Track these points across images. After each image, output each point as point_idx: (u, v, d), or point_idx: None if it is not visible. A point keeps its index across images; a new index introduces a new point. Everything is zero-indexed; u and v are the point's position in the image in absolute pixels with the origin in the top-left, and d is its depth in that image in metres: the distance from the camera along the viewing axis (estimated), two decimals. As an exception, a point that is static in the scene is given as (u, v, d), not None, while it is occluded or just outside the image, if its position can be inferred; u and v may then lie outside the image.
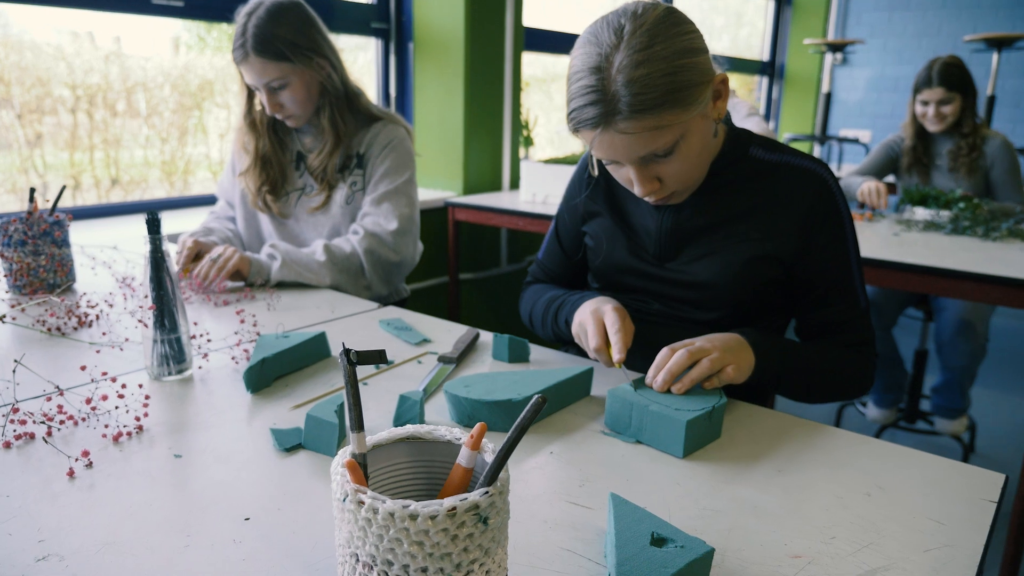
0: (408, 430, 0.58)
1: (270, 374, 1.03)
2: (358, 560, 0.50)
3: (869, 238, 2.16)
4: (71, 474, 0.77)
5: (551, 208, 2.59)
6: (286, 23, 1.53)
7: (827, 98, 4.19)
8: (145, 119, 2.39)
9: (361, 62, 2.90)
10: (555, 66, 3.67)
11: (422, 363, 1.12)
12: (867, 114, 5.07)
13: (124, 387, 0.96)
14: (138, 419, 0.89)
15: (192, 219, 2.20)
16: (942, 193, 2.49)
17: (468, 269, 3.02)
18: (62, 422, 0.88)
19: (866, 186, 2.61)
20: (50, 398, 0.93)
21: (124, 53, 2.29)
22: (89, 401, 0.90)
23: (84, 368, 1.01)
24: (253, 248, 1.77)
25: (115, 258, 1.71)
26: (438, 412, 0.96)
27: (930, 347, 2.75)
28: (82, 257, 1.70)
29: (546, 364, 1.13)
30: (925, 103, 2.70)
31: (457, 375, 1.08)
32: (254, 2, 1.54)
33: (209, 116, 2.56)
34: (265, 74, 1.54)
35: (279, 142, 1.71)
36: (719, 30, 4.98)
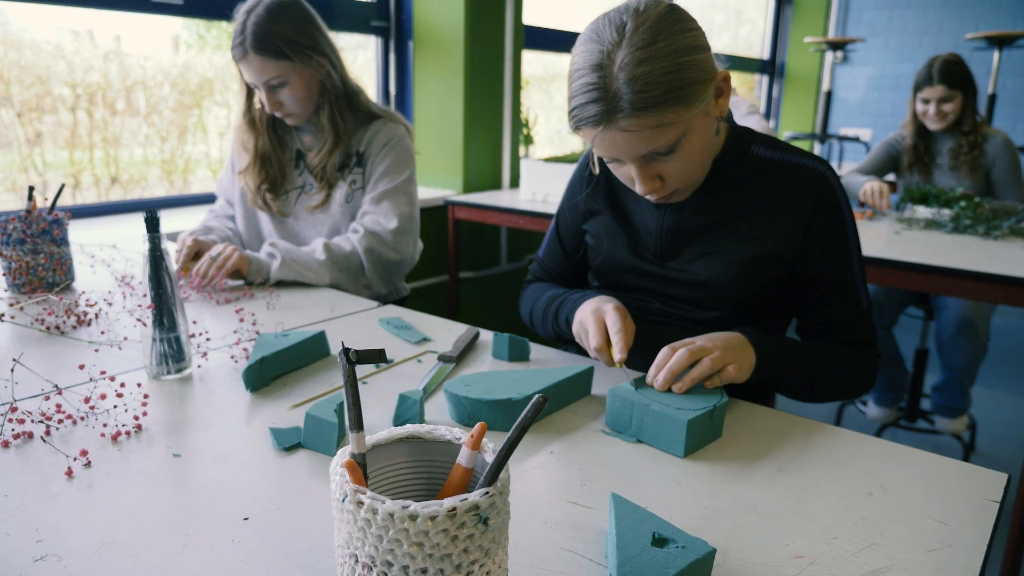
0: (408, 430, 0.58)
1: (269, 373, 1.02)
2: (357, 561, 0.50)
3: (870, 237, 2.16)
4: (69, 473, 0.76)
5: (551, 207, 2.58)
6: (285, 21, 1.52)
7: (827, 96, 4.19)
8: (145, 117, 2.39)
9: (361, 60, 2.90)
10: (555, 64, 3.67)
11: (422, 362, 1.12)
12: (868, 112, 5.07)
13: (123, 386, 0.96)
14: (137, 418, 0.89)
15: (192, 218, 2.20)
16: (943, 192, 2.49)
17: (468, 268, 3.02)
18: (60, 421, 0.88)
19: (869, 186, 2.61)
20: (48, 397, 0.93)
21: (124, 51, 2.28)
22: (88, 400, 0.90)
23: (83, 367, 1.02)
24: (252, 247, 1.76)
25: (114, 257, 1.70)
26: (438, 411, 0.95)
27: (931, 346, 2.75)
28: (81, 256, 1.69)
29: (546, 363, 1.13)
30: (926, 101, 2.69)
31: (457, 374, 1.07)
32: (253, 0, 1.54)
33: (209, 114, 2.55)
34: (264, 72, 1.53)
35: (278, 140, 1.71)
36: (719, 28, 4.98)
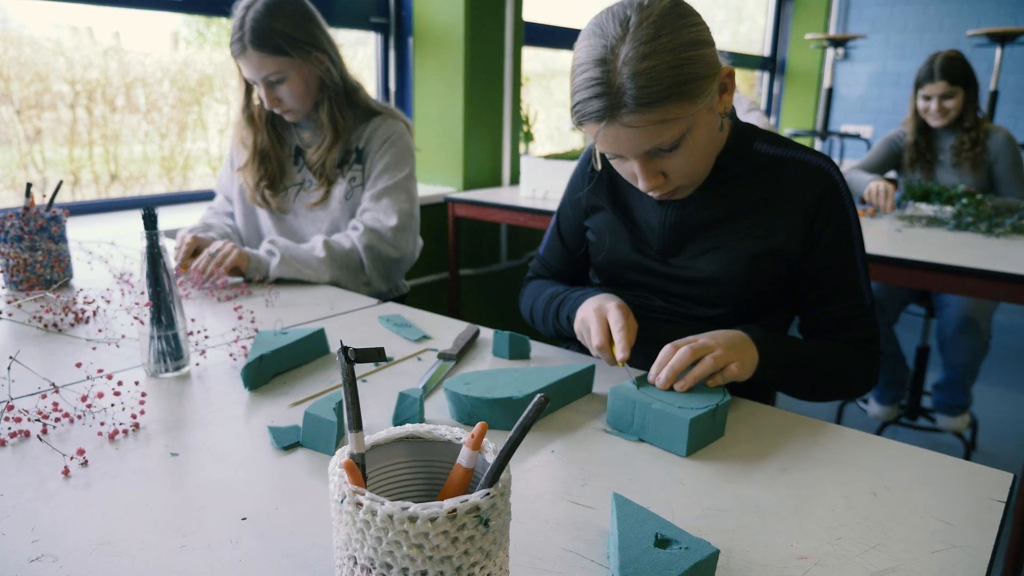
0: (407, 429, 0.57)
1: (268, 371, 1.02)
2: (356, 563, 0.49)
3: (872, 234, 2.15)
4: (66, 472, 0.76)
5: (551, 204, 2.57)
6: (284, 17, 1.51)
7: (828, 93, 4.18)
8: (144, 115, 2.38)
9: (361, 57, 2.89)
10: (555, 61, 3.66)
11: (422, 360, 1.11)
12: (868, 109, 5.06)
13: (120, 384, 0.95)
14: (134, 417, 0.88)
15: (191, 215, 2.19)
16: (945, 189, 2.48)
17: (468, 265, 3.01)
18: (57, 420, 0.87)
19: (874, 185, 2.59)
20: (45, 395, 0.92)
21: (123, 48, 2.28)
22: (85, 398, 0.89)
23: (80, 365, 1.01)
24: (252, 244, 1.76)
25: (112, 254, 1.70)
26: (438, 410, 0.95)
27: (932, 344, 2.74)
28: (79, 253, 1.69)
29: (547, 361, 1.12)
30: (927, 98, 2.67)
31: (457, 372, 1.06)
32: (252, -4, 1.53)
33: (208, 111, 2.54)
34: (263, 68, 1.52)
35: (277, 137, 1.70)
36: (719, 25, 4.96)
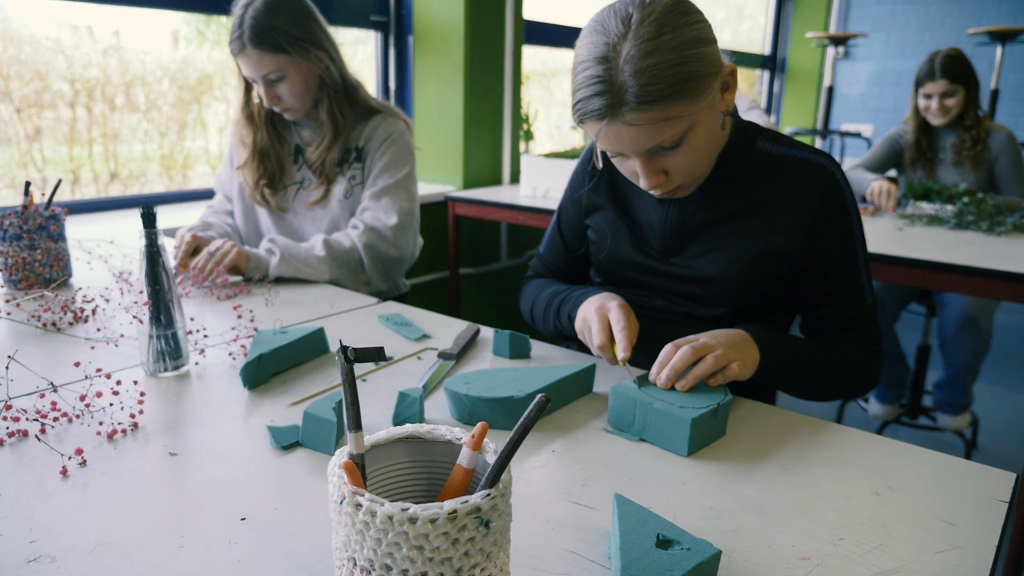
0: (407, 429, 0.56)
1: (267, 370, 1.01)
2: (355, 564, 0.48)
3: (872, 233, 2.14)
4: (64, 472, 0.75)
5: (551, 203, 2.57)
6: (283, 15, 1.51)
7: (829, 92, 4.17)
8: (144, 113, 2.37)
9: (360, 56, 2.88)
10: (555, 60, 3.65)
11: (422, 359, 1.10)
12: (869, 108, 5.05)
13: (119, 384, 0.95)
14: (133, 416, 0.88)
15: (191, 214, 2.19)
16: (945, 187, 2.47)
17: (468, 264, 3.01)
18: (56, 419, 0.86)
19: (877, 185, 2.58)
20: (44, 395, 0.91)
21: (123, 47, 2.27)
22: (83, 398, 0.89)
23: (78, 364, 1.00)
24: (251, 242, 1.75)
25: (111, 253, 1.69)
26: (438, 409, 0.94)
27: (933, 343, 2.74)
28: (78, 252, 1.68)
29: (547, 360, 1.12)
30: (928, 96, 2.67)
31: (457, 371, 1.06)
32: (251, -6, 1.52)
33: (208, 110, 2.54)
34: (262, 66, 1.52)
35: (277, 135, 1.69)
36: (720, 23, 4.96)
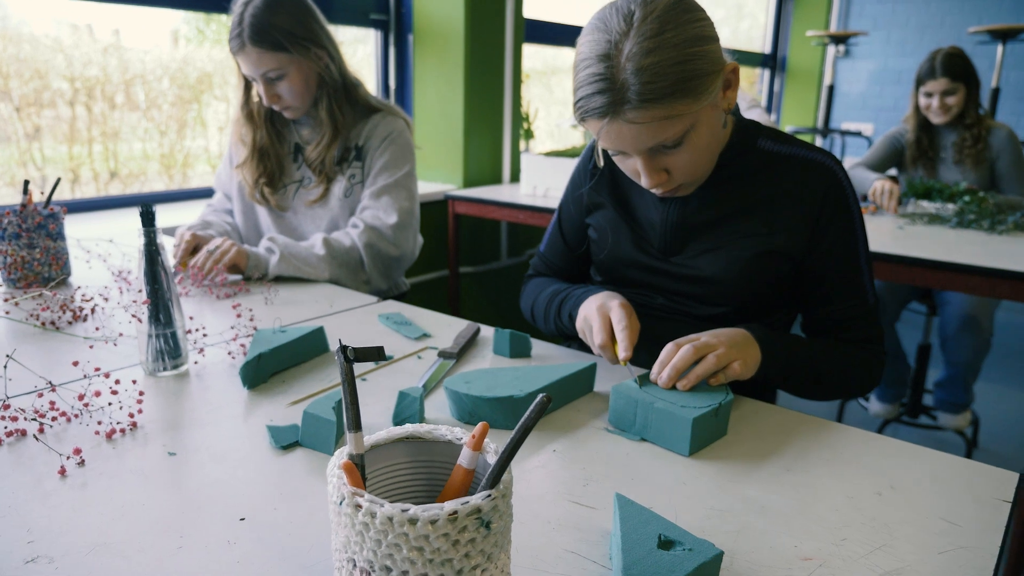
0: (407, 429, 0.56)
1: (267, 370, 1.01)
2: (355, 565, 0.48)
3: (873, 231, 2.14)
4: (63, 472, 0.75)
5: (551, 201, 2.57)
6: (283, 13, 1.50)
7: (829, 91, 4.17)
8: (144, 112, 2.37)
9: (360, 54, 2.88)
10: (555, 59, 3.64)
11: (422, 358, 1.10)
12: (870, 107, 5.04)
13: (118, 383, 0.95)
14: (132, 416, 0.87)
15: (191, 212, 2.18)
16: (946, 186, 2.47)
17: (468, 263, 3.00)
18: (54, 419, 0.86)
19: (879, 184, 2.57)
20: (42, 394, 0.91)
21: (123, 45, 2.26)
22: (82, 397, 0.88)
23: (77, 363, 1.00)
24: (251, 241, 1.75)
25: (111, 251, 1.69)
26: (438, 408, 0.94)
27: (933, 341, 2.74)
28: (77, 250, 1.68)
29: (548, 359, 1.11)
30: (929, 95, 2.66)
31: (457, 371, 1.06)
32: (251, -9, 1.52)
33: (208, 109, 2.53)
34: (262, 64, 1.51)
35: (276, 134, 1.69)
36: (720, 22, 4.92)
